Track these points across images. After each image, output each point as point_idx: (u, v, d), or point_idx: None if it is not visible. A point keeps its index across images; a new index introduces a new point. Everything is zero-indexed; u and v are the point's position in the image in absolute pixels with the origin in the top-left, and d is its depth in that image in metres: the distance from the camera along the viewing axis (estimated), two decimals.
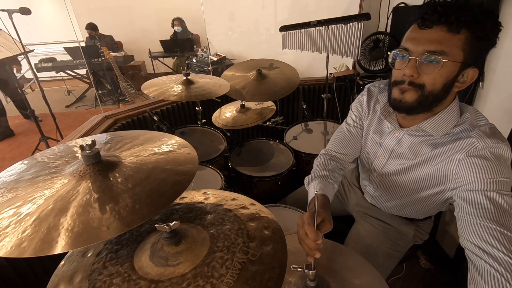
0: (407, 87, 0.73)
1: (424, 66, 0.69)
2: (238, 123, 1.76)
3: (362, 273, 0.77)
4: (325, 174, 0.98)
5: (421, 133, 0.82)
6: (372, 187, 1.04)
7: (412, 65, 0.70)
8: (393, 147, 0.89)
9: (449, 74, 0.69)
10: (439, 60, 0.67)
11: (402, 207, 0.98)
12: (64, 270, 0.60)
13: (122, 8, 5.47)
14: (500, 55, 1.17)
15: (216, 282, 0.51)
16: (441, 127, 0.77)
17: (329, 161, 1.05)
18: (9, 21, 2.31)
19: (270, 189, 1.55)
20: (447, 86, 0.71)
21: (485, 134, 0.72)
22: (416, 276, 1.61)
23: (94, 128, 1.60)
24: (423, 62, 0.69)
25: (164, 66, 5.23)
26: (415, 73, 0.70)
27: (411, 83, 0.72)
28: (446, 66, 0.68)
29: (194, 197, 0.74)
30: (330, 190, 0.94)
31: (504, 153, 0.70)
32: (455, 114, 0.77)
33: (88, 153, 0.58)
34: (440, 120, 0.77)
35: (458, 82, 0.72)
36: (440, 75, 0.69)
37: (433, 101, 0.73)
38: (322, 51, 1.77)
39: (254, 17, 3.36)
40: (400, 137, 0.87)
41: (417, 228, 1.05)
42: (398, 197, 0.95)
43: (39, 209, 0.52)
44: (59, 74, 4.70)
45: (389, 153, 0.91)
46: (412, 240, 1.07)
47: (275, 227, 0.63)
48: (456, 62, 0.68)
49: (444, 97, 0.73)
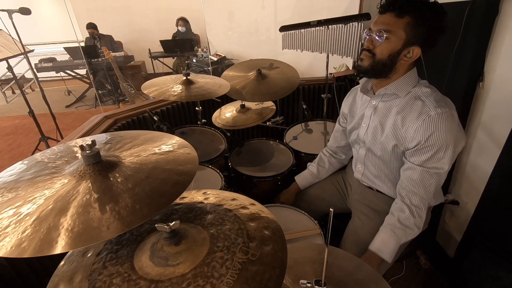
0: (364, 54, 1.00)
1: (376, 40, 0.96)
2: (238, 123, 1.76)
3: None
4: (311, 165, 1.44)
5: (388, 97, 1.05)
6: (360, 165, 1.23)
7: (369, 39, 0.98)
8: (371, 114, 1.11)
9: (393, 47, 0.94)
10: (385, 35, 0.93)
11: (386, 176, 1.15)
12: (64, 270, 0.60)
13: (122, 8, 5.47)
14: (500, 55, 1.17)
15: (216, 282, 0.51)
16: (403, 88, 1.01)
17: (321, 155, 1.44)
18: (9, 21, 2.32)
19: (270, 189, 1.55)
20: (392, 57, 0.95)
21: (435, 101, 0.95)
22: (416, 276, 1.61)
23: (94, 128, 1.60)
24: (375, 37, 0.95)
25: (164, 66, 5.23)
26: (371, 45, 0.97)
27: (368, 50, 0.98)
28: (390, 41, 0.93)
29: (194, 197, 0.74)
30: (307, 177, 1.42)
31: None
32: (412, 79, 1.01)
33: (88, 153, 0.58)
34: (401, 83, 1.01)
35: (405, 57, 0.95)
36: (386, 47, 0.95)
37: (383, 68, 0.98)
38: (322, 51, 1.77)
39: (254, 17, 3.36)
40: (376, 105, 1.09)
41: None
42: (380, 164, 1.14)
43: (39, 209, 0.52)
44: (59, 74, 4.71)
45: (369, 120, 1.12)
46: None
47: (275, 227, 0.63)
48: (399, 39, 0.92)
49: (391, 66, 0.97)
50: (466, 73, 1.28)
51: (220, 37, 3.82)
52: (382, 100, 1.07)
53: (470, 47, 1.24)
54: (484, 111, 1.28)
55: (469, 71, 1.27)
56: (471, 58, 1.25)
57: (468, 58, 1.26)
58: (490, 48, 1.20)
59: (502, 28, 1.15)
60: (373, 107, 1.10)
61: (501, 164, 1.16)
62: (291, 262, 0.80)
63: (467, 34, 1.24)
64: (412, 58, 0.95)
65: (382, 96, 1.06)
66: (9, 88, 4.99)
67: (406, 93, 1.01)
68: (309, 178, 1.41)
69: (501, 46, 1.16)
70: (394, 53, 0.94)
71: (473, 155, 1.36)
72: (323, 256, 0.67)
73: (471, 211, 1.36)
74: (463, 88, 1.30)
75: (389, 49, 0.94)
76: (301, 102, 2.20)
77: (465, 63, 1.28)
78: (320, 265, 0.77)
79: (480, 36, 1.20)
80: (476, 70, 1.25)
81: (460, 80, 1.31)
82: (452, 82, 1.35)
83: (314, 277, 0.68)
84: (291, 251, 0.85)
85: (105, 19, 5.10)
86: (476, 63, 1.24)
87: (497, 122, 1.22)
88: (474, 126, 1.33)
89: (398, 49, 0.94)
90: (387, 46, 0.94)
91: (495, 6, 1.14)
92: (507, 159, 1.13)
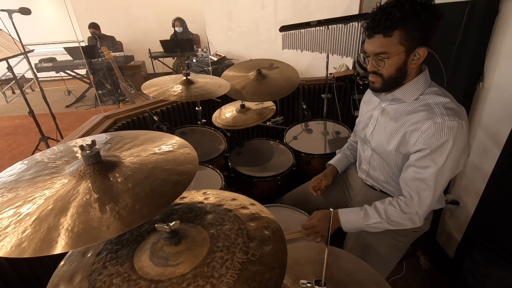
0: (372, 77, 1.00)
1: (376, 63, 0.95)
2: (238, 123, 1.76)
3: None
4: (343, 150, 1.43)
5: (396, 101, 1.04)
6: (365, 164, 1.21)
7: (371, 64, 0.97)
8: (378, 116, 1.11)
9: (398, 62, 0.93)
10: (383, 57, 0.92)
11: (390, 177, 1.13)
12: (64, 270, 0.60)
13: (122, 8, 5.46)
14: (500, 55, 1.17)
15: (216, 282, 0.51)
16: (409, 94, 0.99)
17: (351, 142, 1.45)
18: (9, 21, 2.32)
19: (270, 189, 1.55)
20: (400, 69, 0.94)
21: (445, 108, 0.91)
22: (416, 276, 1.61)
23: (94, 128, 1.60)
24: (375, 61, 0.95)
25: (164, 66, 5.22)
26: (374, 68, 0.97)
27: (375, 73, 0.98)
28: (392, 59, 0.92)
29: (194, 197, 0.74)
30: (343, 160, 1.39)
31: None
32: (420, 84, 0.98)
33: (88, 153, 0.58)
34: (408, 88, 0.99)
35: (413, 60, 0.93)
36: (390, 66, 0.94)
37: (395, 82, 0.98)
38: (322, 51, 1.77)
39: (254, 17, 3.36)
40: (385, 107, 1.09)
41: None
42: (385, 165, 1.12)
43: (39, 209, 0.52)
44: (59, 74, 4.70)
45: (375, 121, 1.12)
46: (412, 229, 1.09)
47: (275, 227, 0.63)
48: (399, 53, 0.91)
49: (403, 76, 0.96)
50: (466, 73, 1.28)
51: (220, 37, 3.82)
52: (390, 103, 1.06)
53: (470, 47, 1.24)
54: (484, 111, 1.28)
55: (469, 71, 1.27)
56: (471, 58, 1.25)
57: (468, 58, 1.26)
58: (490, 48, 1.20)
59: (502, 28, 1.15)
60: (381, 109, 1.10)
61: (501, 164, 1.16)
62: (291, 262, 0.80)
63: (467, 34, 1.24)
64: (421, 59, 0.93)
65: (391, 100, 1.06)
66: (9, 88, 4.98)
67: (414, 98, 0.98)
68: (344, 161, 1.39)
69: (501, 46, 1.16)
70: (400, 66, 0.94)
71: (473, 155, 1.36)
72: (323, 256, 0.67)
73: (471, 211, 1.36)
74: (463, 88, 1.30)
75: (394, 66, 0.94)
76: (301, 102, 2.20)
77: (465, 63, 1.28)
78: (320, 265, 0.77)
79: (480, 36, 1.20)
80: (476, 70, 1.25)
81: (460, 80, 1.31)
82: (452, 82, 1.35)
83: (314, 277, 0.68)
84: (291, 251, 0.85)
85: (105, 19, 5.09)
86: (476, 63, 1.24)
87: (497, 122, 1.22)
88: (474, 126, 1.33)
89: (402, 61, 0.93)
90: (391, 64, 0.93)
91: (495, 6, 1.14)
92: (507, 159, 1.13)
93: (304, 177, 1.48)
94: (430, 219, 1.15)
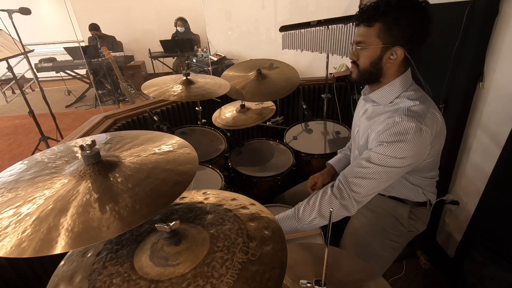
0: (352, 67, 1.03)
1: (356, 52, 0.99)
2: (238, 123, 1.76)
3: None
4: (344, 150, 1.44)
5: (374, 103, 1.05)
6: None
7: (352, 52, 1.02)
8: (361, 116, 1.12)
9: (372, 54, 0.95)
10: (361, 47, 0.96)
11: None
12: (64, 270, 0.59)
13: (122, 8, 5.47)
14: (500, 55, 1.17)
15: (216, 282, 0.51)
16: (383, 97, 1.01)
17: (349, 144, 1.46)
18: (9, 21, 2.32)
19: (270, 189, 1.55)
20: (374, 63, 0.96)
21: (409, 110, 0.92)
22: (416, 276, 1.61)
23: (94, 128, 1.60)
24: (355, 49, 0.99)
25: (164, 66, 5.23)
26: (354, 57, 1.01)
27: (354, 62, 1.02)
28: (368, 50, 0.95)
29: (194, 197, 0.74)
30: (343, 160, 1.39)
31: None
32: (395, 88, 0.98)
33: (88, 153, 0.58)
34: (383, 91, 1.01)
35: (390, 59, 0.94)
36: (365, 56, 0.97)
37: (370, 76, 1.00)
38: (322, 51, 1.77)
39: (254, 17, 3.36)
40: (367, 109, 1.10)
41: (411, 213, 1.10)
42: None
43: (39, 209, 0.52)
44: (59, 74, 4.71)
45: (359, 122, 1.14)
46: (407, 228, 1.10)
47: (275, 227, 0.63)
48: (375, 46, 0.93)
49: (378, 72, 0.98)
50: (466, 73, 1.28)
51: (220, 37, 3.82)
52: (372, 105, 1.08)
53: (470, 47, 1.24)
54: (484, 111, 1.28)
55: (469, 71, 1.27)
56: (471, 58, 1.25)
57: (468, 58, 1.26)
58: (490, 48, 1.21)
59: (502, 28, 1.15)
60: (364, 110, 1.11)
61: (501, 164, 1.16)
62: (291, 262, 0.80)
63: (467, 34, 1.24)
64: (398, 59, 0.93)
65: (372, 102, 1.07)
66: (9, 88, 4.98)
67: (388, 102, 0.99)
68: (344, 160, 1.40)
69: (501, 46, 1.16)
70: (375, 60, 0.96)
71: (473, 155, 1.36)
72: (323, 256, 0.67)
73: (471, 211, 1.36)
74: (463, 88, 1.30)
75: (368, 57, 0.96)
76: (301, 102, 2.20)
77: (465, 63, 1.28)
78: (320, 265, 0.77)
79: (480, 36, 1.20)
80: (476, 70, 1.25)
81: (460, 80, 1.31)
82: (452, 82, 1.35)
83: (314, 277, 0.68)
84: (291, 251, 0.85)
85: (105, 19, 5.09)
86: (476, 63, 1.24)
87: (497, 122, 1.22)
88: (474, 126, 1.33)
89: (377, 55, 0.95)
90: (366, 55, 0.96)
91: (495, 6, 1.14)
92: (507, 159, 1.13)
93: (304, 177, 1.48)
94: (427, 220, 1.15)
